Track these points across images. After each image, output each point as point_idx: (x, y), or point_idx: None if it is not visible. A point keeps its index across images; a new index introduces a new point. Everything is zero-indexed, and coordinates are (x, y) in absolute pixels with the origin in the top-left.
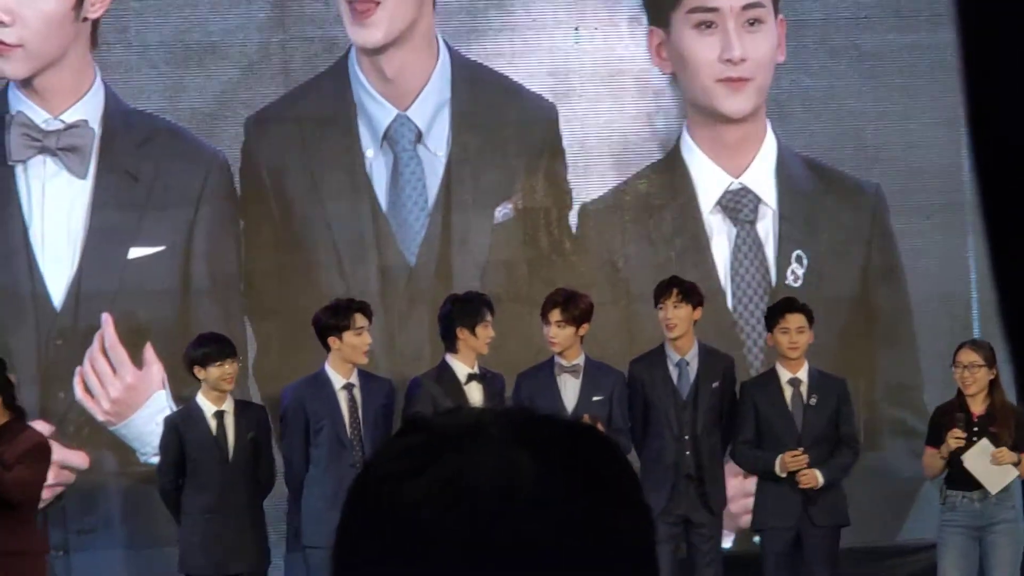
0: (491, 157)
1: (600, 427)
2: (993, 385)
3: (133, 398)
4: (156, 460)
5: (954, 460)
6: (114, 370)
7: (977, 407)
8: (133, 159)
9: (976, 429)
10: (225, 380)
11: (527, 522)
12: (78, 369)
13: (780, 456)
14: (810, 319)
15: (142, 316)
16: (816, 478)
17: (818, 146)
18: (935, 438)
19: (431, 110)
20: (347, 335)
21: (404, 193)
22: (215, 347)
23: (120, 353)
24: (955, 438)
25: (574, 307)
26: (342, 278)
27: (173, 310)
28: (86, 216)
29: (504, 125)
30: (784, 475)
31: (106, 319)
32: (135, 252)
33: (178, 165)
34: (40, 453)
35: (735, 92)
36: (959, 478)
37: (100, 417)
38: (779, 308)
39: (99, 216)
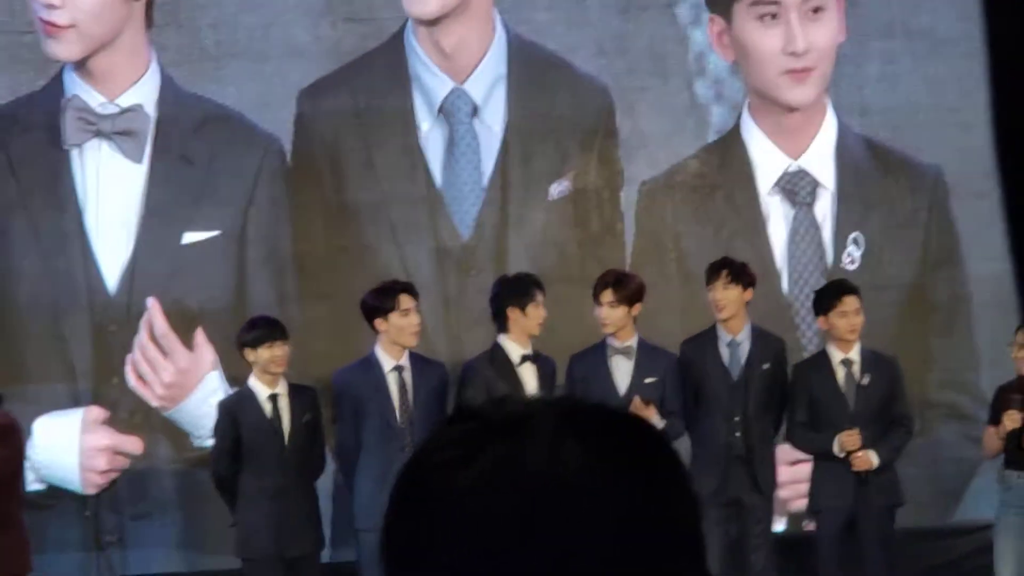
0: (546, 135)
1: (653, 410)
2: None
3: (186, 382)
4: (210, 443)
5: (1011, 440)
6: (165, 354)
7: None
8: (188, 143)
9: None
10: (275, 362)
11: (575, 511)
12: (129, 357)
13: (837, 435)
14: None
15: (196, 300)
16: (870, 460)
17: (873, 125)
18: (995, 417)
19: (487, 84)
20: (393, 317)
21: (459, 167)
22: (265, 329)
23: (171, 337)
24: (1011, 419)
25: (625, 287)
26: (396, 255)
27: (227, 294)
28: (141, 201)
29: (559, 104)
30: (842, 455)
31: (152, 304)
32: (189, 237)
33: (233, 149)
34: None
35: (799, 83)
36: (1016, 458)
37: (154, 403)
38: (834, 291)
39: (154, 201)
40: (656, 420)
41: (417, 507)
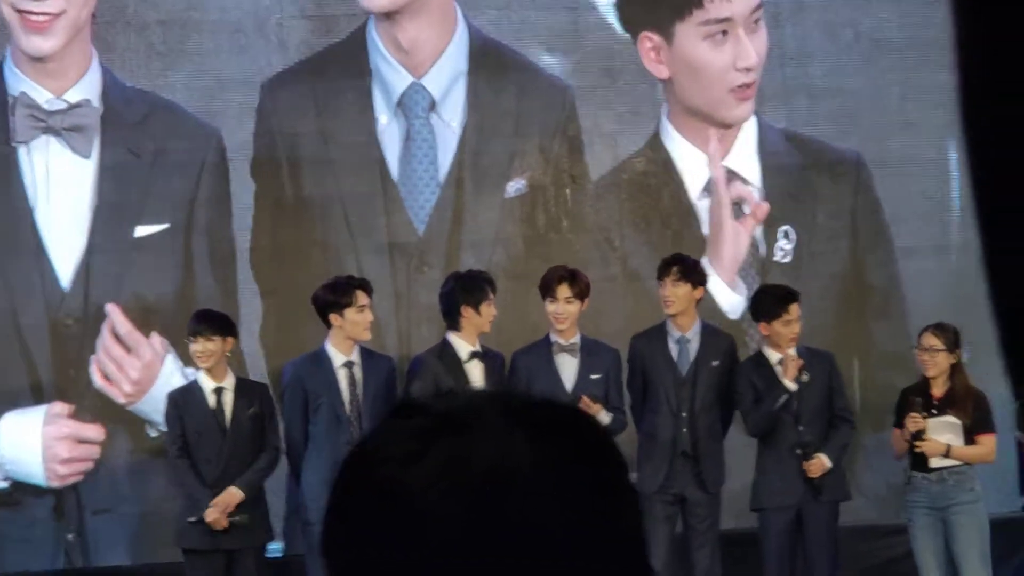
0: (504, 134)
1: (600, 407)
2: (955, 368)
3: (151, 374)
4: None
5: (912, 442)
6: (129, 351)
7: (938, 390)
8: (134, 136)
9: (935, 412)
10: (201, 357)
11: (524, 506)
12: (93, 358)
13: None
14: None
15: (149, 293)
16: (824, 464)
17: (813, 127)
18: (900, 420)
19: (446, 80)
20: (348, 312)
21: (415, 161)
22: (197, 324)
23: (134, 335)
24: (913, 421)
25: (579, 282)
26: (350, 249)
27: (177, 287)
28: (91, 195)
29: (519, 103)
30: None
31: (112, 309)
32: (141, 230)
33: (177, 142)
34: None
35: (744, 101)
36: (920, 459)
37: (121, 400)
38: (779, 300)
39: (104, 195)
40: (604, 417)
41: (362, 502)
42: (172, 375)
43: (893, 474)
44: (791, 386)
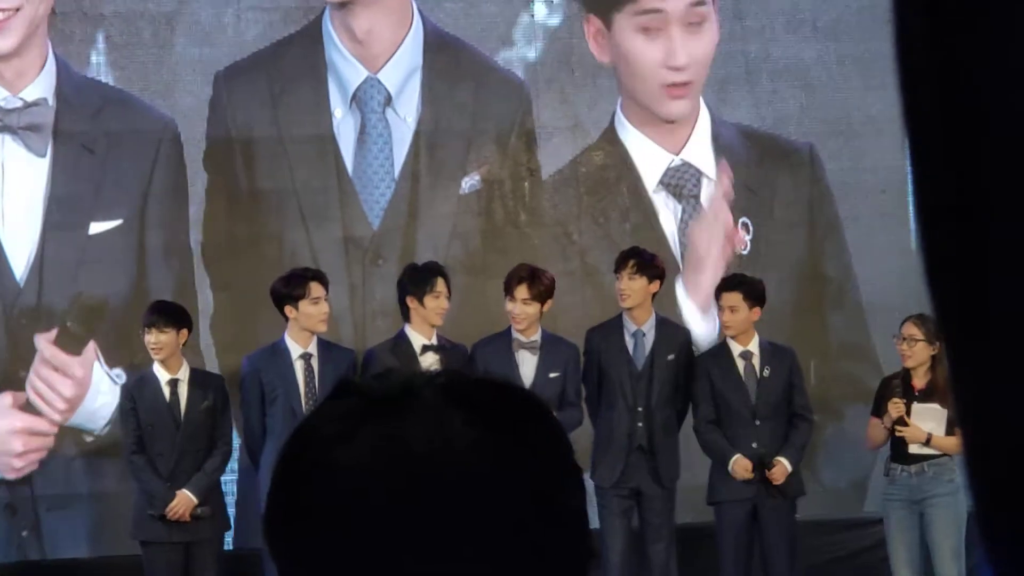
0: (459, 129)
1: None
2: (935, 360)
3: (83, 390)
4: (107, 431)
5: (894, 432)
6: (57, 369)
7: (918, 381)
8: (87, 131)
9: (915, 403)
10: (153, 348)
11: (460, 487)
12: (28, 386)
13: (735, 458)
14: (753, 295)
15: (103, 290)
16: (786, 469)
17: (774, 118)
18: (879, 408)
19: (402, 75)
20: (303, 304)
21: (370, 155)
22: (150, 315)
23: (60, 358)
24: (895, 406)
25: (539, 283)
26: (305, 243)
27: (131, 283)
28: (45, 192)
29: (475, 98)
30: (738, 477)
31: (41, 342)
32: (96, 227)
33: (131, 134)
34: None
35: (677, 99)
36: (900, 452)
37: (57, 418)
38: (718, 287)
39: (58, 192)
40: None
41: (298, 484)
42: (101, 382)
43: (852, 468)
44: (732, 473)
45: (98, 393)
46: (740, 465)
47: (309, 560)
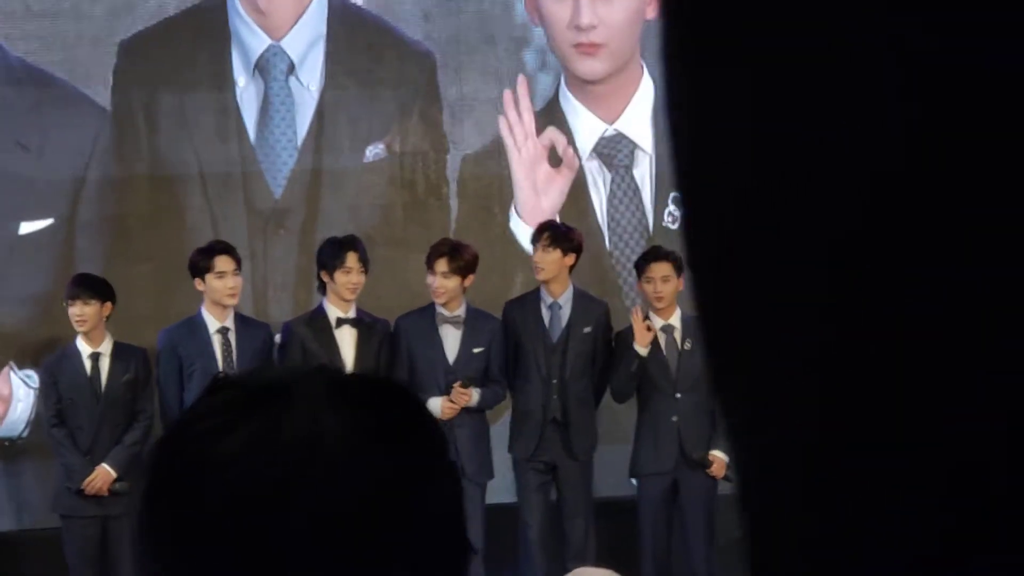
0: (365, 98)
1: (472, 392)
2: None
3: (6, 403)
4: (27, 433)
5: None
6: None
7: None
8: (23, 127)
9: None
10: (75, 321)
11: (331, 483)
12: None
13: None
14: (679, 267)
15: (31, 289)
16: (724, 462)
17: None
18: None
19: (305, 43)
20: (209, 278)
21: (273, 124)
22: (72, 287)
23: None
24: None
25: (460, 258)
26: (207, 213)
27: (61, 279)
28: None
29: (379, 67)
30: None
31: None
32: (26, 227)
33: (66, 131)
34: None
35: (588, 57)
36: None
37: None
38: (644, 257)
39: None
40: (475, 396)
41: (176, 478)
42: (18, 389)
43: None
44: (641, 351)
45: (17, 401)
46: (640, 333)
47: (187, 553)
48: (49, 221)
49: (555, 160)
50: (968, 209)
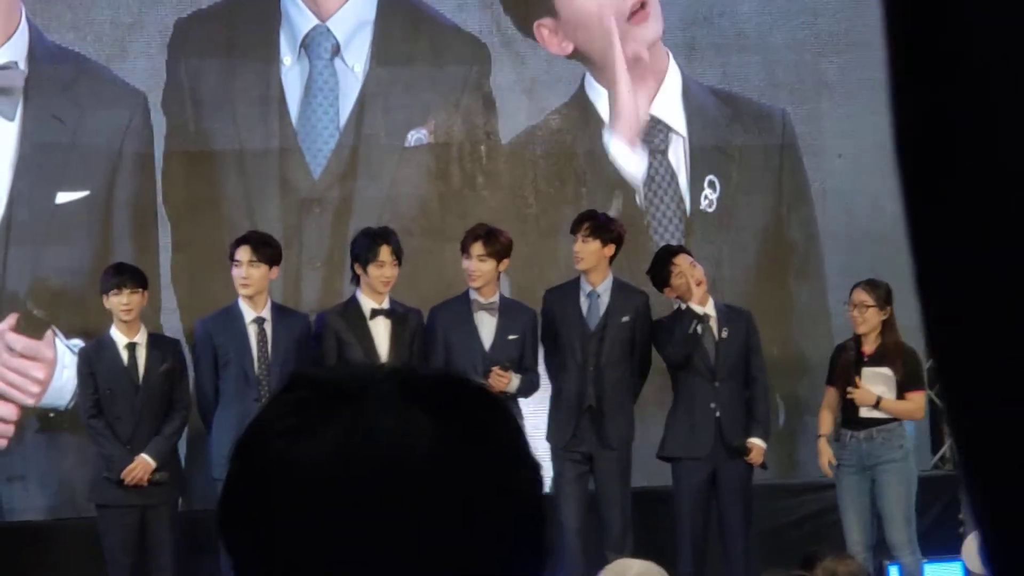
0: (410, 85)
1: (509, 377)
2: (886, 325)
3: (52, 370)
4: (72, 404)
5: (846, 400)
6: (31, 358)
7: (868, 346)
8: (60, 101)
9: (865, 367)
10: (122, 310)
11: (423, 483)
12: None
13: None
14: None
15: (68, 259)
16: (762, 449)
17: (730, 78)
18: (833, 376)
19: (352, 25)
20: (233, 268)
21: (316, 104)
22: (116, 277)
23: (31, 344)
24: (845, 371)
25: (495, 241)
26: (242, 190)
27: (95, 253)
28: (13, 159)
29: (425, 54)
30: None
31: (4, 331)
32: (62, 197)
33: (102, 108)
34: None
35: (643, 22)
36: (850, 417)
37: (30, 402)
38: (661, 257)
39: (26, 159)
40: (515, 382)
41: (257, 477)
42: (64, 355)
43: (806, 434)
44: (698, 309)
45: (63, 368)
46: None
47: (269, 556)
48: (86, 192)
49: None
50: None
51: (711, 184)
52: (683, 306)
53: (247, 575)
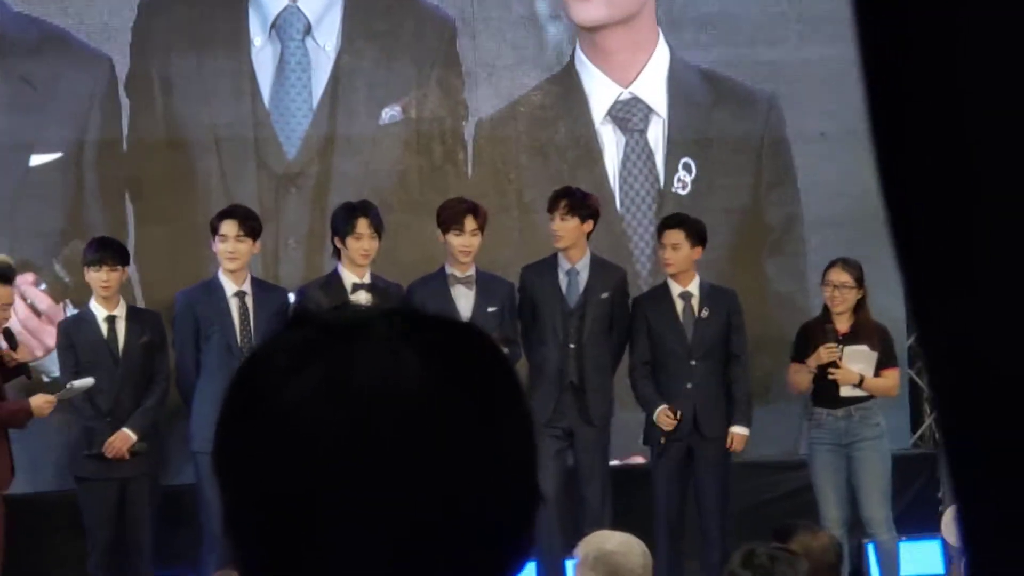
0: (382, 62)
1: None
2: (859, 304)
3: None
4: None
5: (820, 376)
6: (38, 313)
7: (843, 325)
8: (27, 65)
9: (841, 346)
10: (103, 285)
11: (411, 422)
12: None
13: (660, 409)
14: (695, 234)
15: (43, 223)
16: (744, 437)
17: (713, 61)
18: (801, 353)
19: (322, 3)
20: (216, 240)
21: (288, 84)
22: (97, 252)
23: (53, 306)
24: (829, 351)
25: (482, 215)
26: (217, 171)
27: (68, 217)
28: None
29: (396, 30)
30: (665, 428)
31: (29, 289)
32: (36, 159)
33: (70, 71)
34: None
35: (583, 1)
36: (824, 395)
37: (28, 359)
38: (660, 224)
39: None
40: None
41: (246, 417)
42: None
43: (785, 412)
44: (658, 423)
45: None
46: (663, 416)
47: (255, 494)
48: (58, 155)
49: None
50: None
51: (686, 167)
52: (672, 290)
53: (239, 517)
